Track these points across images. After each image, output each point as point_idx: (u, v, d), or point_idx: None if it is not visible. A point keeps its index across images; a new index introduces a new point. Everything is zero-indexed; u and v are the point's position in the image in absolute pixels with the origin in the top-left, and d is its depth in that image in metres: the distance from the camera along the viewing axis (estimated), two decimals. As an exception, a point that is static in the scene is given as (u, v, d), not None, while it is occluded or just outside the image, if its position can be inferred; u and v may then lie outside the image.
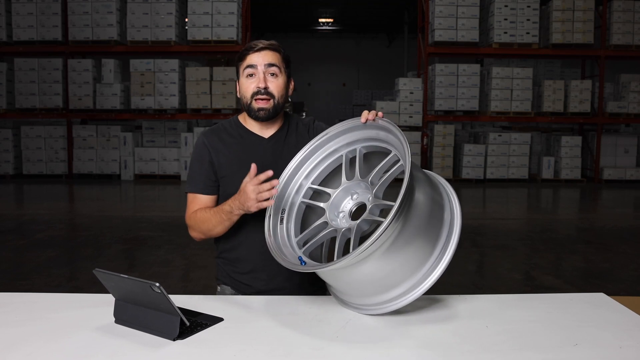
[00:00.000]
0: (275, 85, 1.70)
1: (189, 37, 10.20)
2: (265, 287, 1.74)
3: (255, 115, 1.71)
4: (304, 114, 16.84)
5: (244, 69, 1.70)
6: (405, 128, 10.57)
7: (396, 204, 1.26)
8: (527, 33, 10.34)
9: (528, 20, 10.33)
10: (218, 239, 1.80)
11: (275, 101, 1.70)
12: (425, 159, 10.65)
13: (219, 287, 1.84)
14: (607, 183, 10.69)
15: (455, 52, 10.69)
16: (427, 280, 1.39)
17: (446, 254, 1.40)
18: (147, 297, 1.34)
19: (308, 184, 1.65)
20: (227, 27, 10.10)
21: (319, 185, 1.65)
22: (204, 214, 1.70)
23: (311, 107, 18.02)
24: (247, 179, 1.54)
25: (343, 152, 1.63)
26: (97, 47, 10.45)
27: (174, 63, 10.28)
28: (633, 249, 5.55)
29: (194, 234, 1.76)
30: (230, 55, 10.81)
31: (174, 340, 1.32)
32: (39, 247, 5.29)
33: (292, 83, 1.79)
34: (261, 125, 1.77)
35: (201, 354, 1.26)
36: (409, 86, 10.72)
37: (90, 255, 5.08)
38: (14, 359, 1.23)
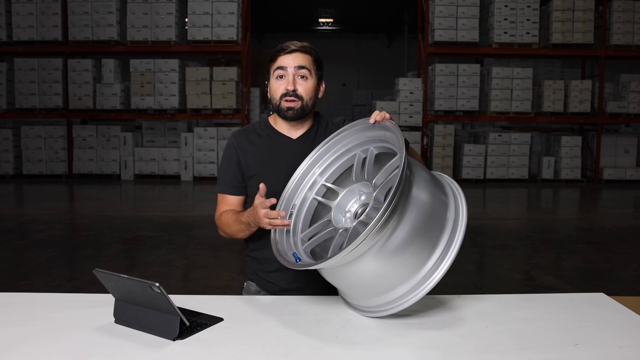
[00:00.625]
0: (304, 87, 1.70)
1: (189, 37, 10.19)
2: (289, 286, 1.76)
3: (284, 114, 1.72)
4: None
5: (275, 70, 1.70)
6: (405, 128, 10.57)
7: (384, 204, 1.24)
8: (527, 33, 10.34)
9: (528, 20, 10.33)
10: (248, 238, 1.82)
11: (304, 103, 1.70)
12: (425, 159, 10.64)
13: (245, 283, 1.88)
14: (607, 183, 10.69)
15: (455, 52, 10.69)
16: (429, 282, 1.36)
17: (449, 255, 1.37)
18: (147, 297, 1.34)
19: (322, 181, 1.65)
20: (227, 27, 10.10)
21: (332, 183, 1.65)
22: (228, 219, 1.73)
23: (311, 107, 17.96)
24: (258, 198, 1.54)
25: (356, 151, 1.63)
26: (97, 47, 10.44)
27: (174, 63, 10.28)
28: (633, 249, 5.55)
29: (222, 233, 1.80)
30: (230, 55, 10.81)
31: (173, 340, 1.32)
32: (39, 247, 5.29)
33: (323, 85, 1.79)
34: (290, 126, 1.77)
35: (201, 354, 1.26)
36: (409, 86, 10.72)
37: (90, 255, 5.08)
38: (14, 359, 1.23)
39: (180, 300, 1.51)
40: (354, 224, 1.47)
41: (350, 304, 1.53)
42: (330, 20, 18.53)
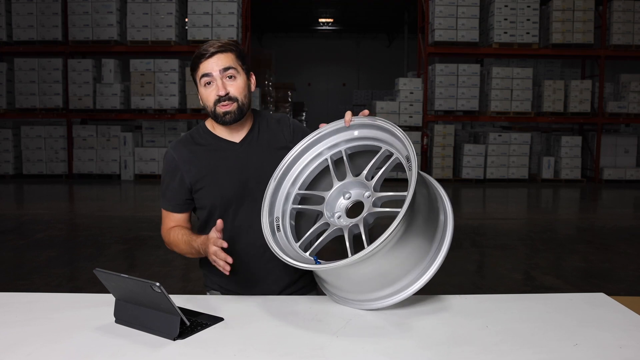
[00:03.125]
0: (235, 87, 1.64)
1: (189, 37, 10.20)
2: (259, 292, 1.71)
3: (222, 120, 1.66)
4: (304, 114, 16.83)
5: (200, 78, 1.64)
6: (405, 128, 10.55)
7: (409, 194, 1.30)
8: (527, 33, 10.34)
9: (528, 20, 10.33)
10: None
11: (240, 103, 1.65)
12: (425, 159, 10.65)
13: (207, 293, 1.81)
14: (607, 183, 10.69)
15: (455, 52, 10.69)
16: (427, 274, 1.44)
17: (442, 251, 1.46)
18: (147, 297, 1.34)
19: (295, 191, 1.65)
20: (227, 27, 10.10)
21: (307, 189, 1.66)
22: (177, 239, 1.68)
23: (311, 107, 17.99)
24: (214, 232, 1.49)
25: (327, 155, 1.64)
26: (97, 47, 10.44)
27: (174, 63, 10.28)
28: (633, 249, 5.55)
29: (169, 248, 1.75)
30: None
31: (174, 340, 1.32)
32: (39, 247, 5.29)
33: (253, 77, 1.72)
34: (230, 129, 1.71)
35: (201, 354, 1.26)
36: (409, 86, 10.71)
37: (90, 255, 5.08)
38: (14, 359, 1.23)
39: (180, 300, 1.51)
40: (364, 215, 1.49)
41: (346, 298, 1.53)
42: (330, 20, 18.53)
